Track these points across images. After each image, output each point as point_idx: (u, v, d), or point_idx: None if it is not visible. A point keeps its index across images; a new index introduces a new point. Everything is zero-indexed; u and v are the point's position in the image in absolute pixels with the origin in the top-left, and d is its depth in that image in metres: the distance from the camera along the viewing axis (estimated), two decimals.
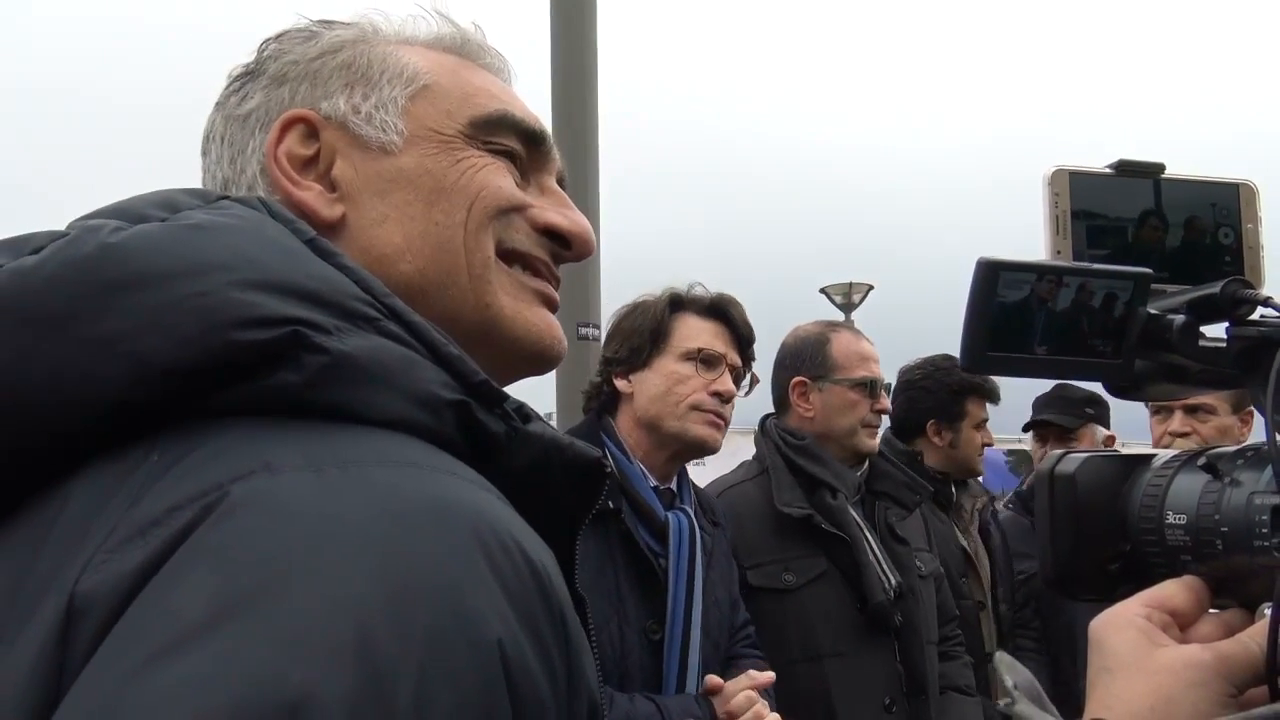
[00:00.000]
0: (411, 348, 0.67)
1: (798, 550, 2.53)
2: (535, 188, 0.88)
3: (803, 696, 2.42)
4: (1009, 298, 0.77)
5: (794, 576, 2.51)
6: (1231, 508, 0.75)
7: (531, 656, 0.56)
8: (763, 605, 2.50)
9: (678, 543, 2.10)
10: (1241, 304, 0.77)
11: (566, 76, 4.89)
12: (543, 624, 0.58)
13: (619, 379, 2.25)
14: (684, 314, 2.26)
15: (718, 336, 2.25)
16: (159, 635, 0.50)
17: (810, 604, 2.50)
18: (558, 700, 0.58)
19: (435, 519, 0.57)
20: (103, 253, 0.63)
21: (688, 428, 2.17)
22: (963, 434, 3.46)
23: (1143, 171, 0.87)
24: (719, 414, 2.21)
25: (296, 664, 0.49)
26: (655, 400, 2.19)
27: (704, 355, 2.22)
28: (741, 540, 2.55)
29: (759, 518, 2.57)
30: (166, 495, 0.57)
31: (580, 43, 4.96)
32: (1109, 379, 0.81)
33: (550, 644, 0.58)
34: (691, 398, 2.18)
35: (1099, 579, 0.85)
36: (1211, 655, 0.72)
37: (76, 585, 0.54)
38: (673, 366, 2.20)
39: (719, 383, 2.21)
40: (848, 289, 12.89)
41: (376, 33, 0.88)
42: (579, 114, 4.86)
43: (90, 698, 0.50)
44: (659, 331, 2.23)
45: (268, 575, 0.52)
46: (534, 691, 0.56)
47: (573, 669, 0.60)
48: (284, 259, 0.66)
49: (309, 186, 0.81)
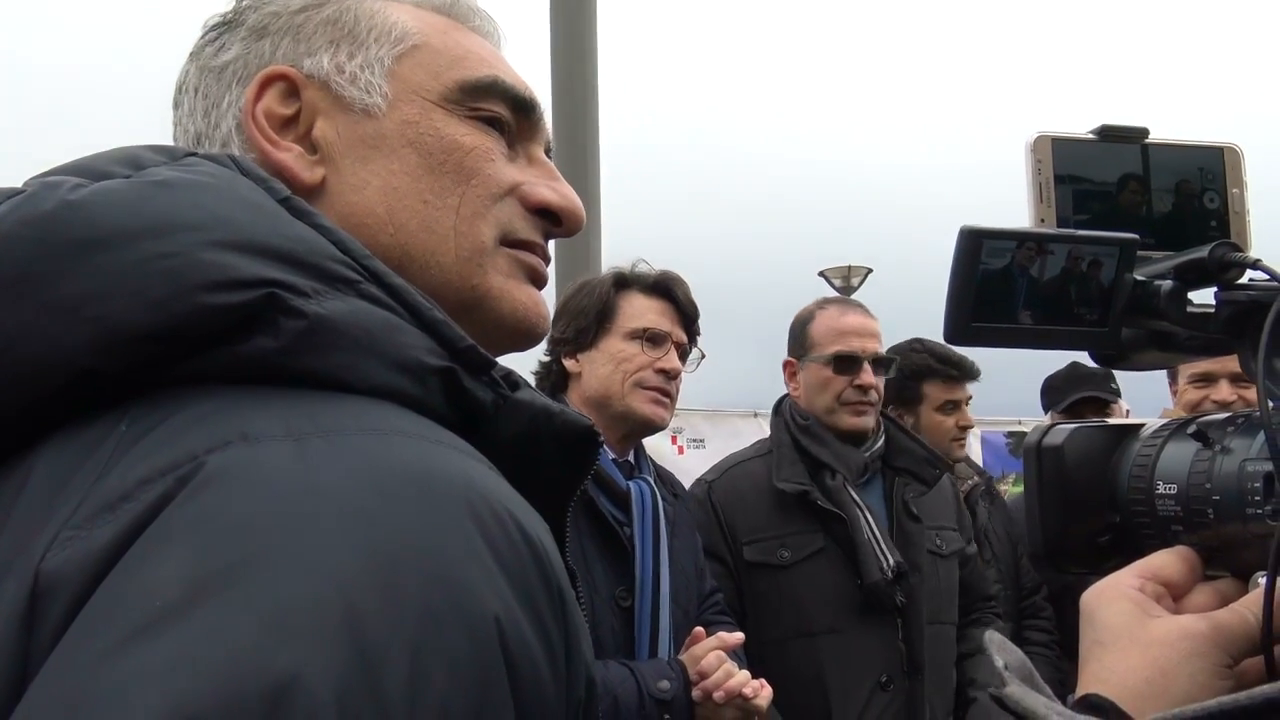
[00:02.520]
0: (394, 311, 0.64)
1: (796, 527, 2.52)
2: (523, 157, 0.84)
3: (794, 673, 2.42)
4: (993, 266, 0.75)
5: (790, 553, 2.50)
6: (1223, 476, 0.73)
7: (530, 634, 0.53)
8: (758, 581, 2.50)
9: (640, 510, 2.14)
10: (1230, 267, 0.76)
11: (566, 61, 4.86)
12: (540, 600, 0.55)
13: (567, 359, 2.27)
14: (628, 293, 2.28)
15: (663, 314, 2.27)
16: (134, 615, 0.47)
17: (805, 581, 2.49)
18: (556, 679, 0.55)
19: (424, 490, 0.54)
20: (63, 210, 0.60)
21: (634, 406, 2.20)
22: (923, 418, 3.40)
23: (1126, 136, 0.85)
24: (664, 391, 2.23)
25: (281, 644, 0.46)
26: (602, 380, 2.22)
27: (649, 334, 2.24)
28: (741, 516, 2.55)
29: (759, 494, 2.57)
30: (137, 467, 0.54)
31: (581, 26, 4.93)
32: (1095, 347, 0.80)
33: (548, 621, 0.55)
34: (636, 375, 2.20)
35: (1088, 551, 0.84)
36: (1207, 625, 0.70)
37: (42, 564, 0.51)
38: (619, 346, 2.22)
39: (664, 360, 2.23)
40: (846, 272, 12.89)
41: None
42: (579, 98, 4.84)
43: (60, 681, 0.47)
44: (604, 311, 2.25)
45: (248, 551, 0.49)
46: (533, 670, 0.53)
47: (571, 646, 0.57)
48: (257, 218, 0.63)
49: (288, 147, 0.77)
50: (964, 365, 3.46)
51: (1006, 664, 0.68)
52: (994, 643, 0.72)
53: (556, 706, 0.55)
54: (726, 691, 2.01)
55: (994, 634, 0.73)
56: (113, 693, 0.45)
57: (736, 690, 2.02)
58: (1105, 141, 0.85)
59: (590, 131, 4.81)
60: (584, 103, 4.79)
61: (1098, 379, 3.58)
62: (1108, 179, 0.84)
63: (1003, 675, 0.67)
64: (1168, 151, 0.86)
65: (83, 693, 0.45)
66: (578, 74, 4.84)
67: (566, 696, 0.56)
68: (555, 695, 0.55)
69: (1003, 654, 0.70)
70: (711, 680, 2.02)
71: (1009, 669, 0.68)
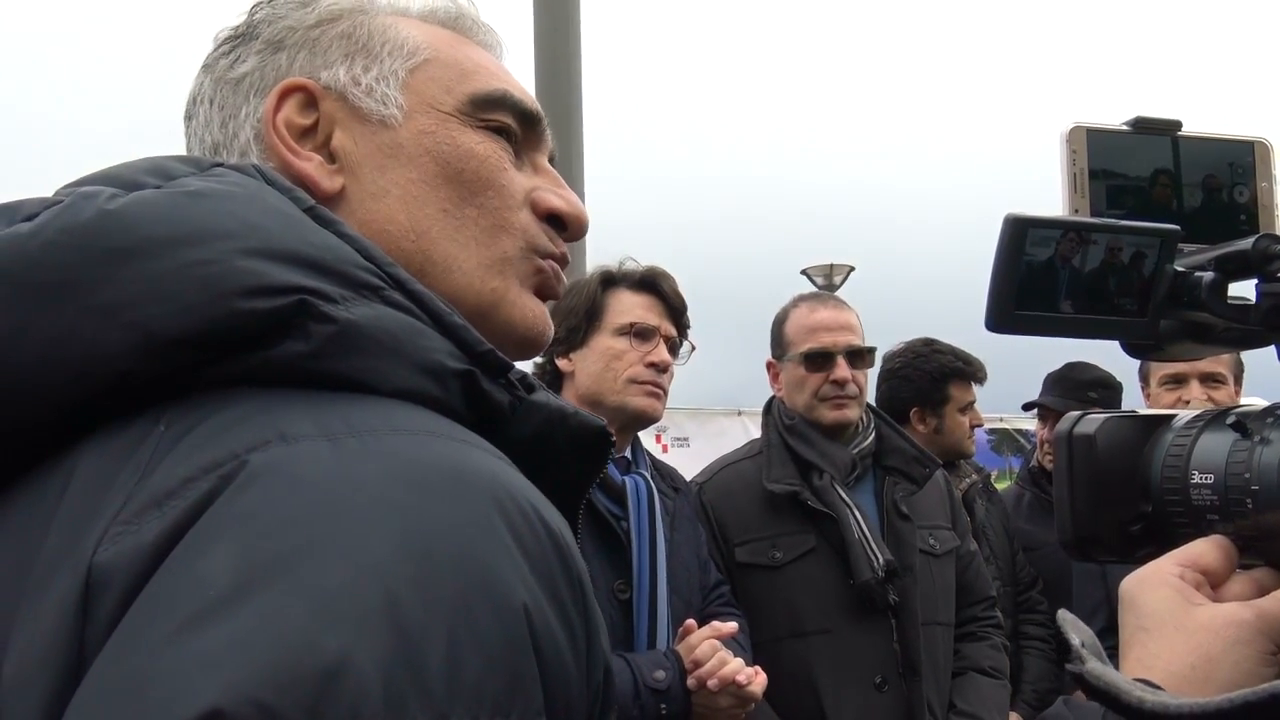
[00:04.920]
0: (416, 317, 0.67)
1: (787, 527, 2.53)
2: (529, 166, 0.87)
3: (787, 673, 2.42)
4: (1037, 256, 0.75)
5: (782, 553, 2.51)
6: (1263, 466, 0.74)
7: (554, 622, 0.56)
8: (751, 582, 2.50)
9: (636, 504, 2.17)
10: (1274, 259, 0.76)
11: (551, 64, 4.86)
12: (563, 590, 0.58)
13: (560, 359, 2.31)
14: (616, 290, 2.31)
15: (650, 309, 2.30)
16: (190, 603, 0.50)
17: (797, 581, 2.50)
18: (578, 664, 0.58)
19: (454, 485, 0.57)
20: (103, 219, 0.62)
21: (627, 401, 2.22)
22: (947, 419, 3.45)
23: (1160, 128, 0.86)
24: (656, 384, 2.26)
25: (330, 629, 0.49)
26: (595, 377, 2.24)
27: (637, 329, 2.26)
28: (733, 517, 2.55)
29: (751, 495, 2.57)
30: (180, 466, 0.56)
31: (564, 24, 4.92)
32: (1134, 337, 0.80)
33: (571, 610, 0.58)
34: (628, 371, 2.23)
35: (1119, 540, 0.84)
36: (1252, 613, 0.71)
37: (94, 558, 0.54)
38: (608, 343, 2.25)
39: (654, 354, 2.26)
40: (829, 270, 12.93)
41: (373, 3, 0.87)
42: (563, 98, 4.83)
43: (121, 665, 0.49)
44: (593, 310, 2.28)
45: (294, 543, 0.52)
46: (558, 656, 0.56)
47: (591, 634, 0.60)
48: (286, 227, 0.65)
49: (309, 157, 0.80)
50: (981, 364, 3.51)
51: (1083, 642, 0.69)
52: (1067, 621, 0.73)
53: (579, 690, 0.58)
54: (720, 679, 2.03)
55: (1065, 613, 0.74)
56: (174, 674, 0.47)
57: (730, 677, 2.04)
58: (1138, 133, 0.85)
59: (575, 133, 4.81)
60: (568, 105, 4.78)
61: (1065, 385, 3.62)
62: (1141, 171, 0.85)
63: (1080, 653, 0.68)
64: (1199, 144, 0.86)
65: (145, 674, 0.48)
66: (562, 73, 4.84)
67: (586, 681, 0.59)
68: (577, 679, 0.58)
69: (1077, 632, 0.70)
70: (705, 669, 2.04)
71: (1085, 646, 0.68)
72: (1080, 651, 0.68)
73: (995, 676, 2.79)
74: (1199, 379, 2.78)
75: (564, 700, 0.56)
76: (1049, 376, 3.72)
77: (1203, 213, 0.85)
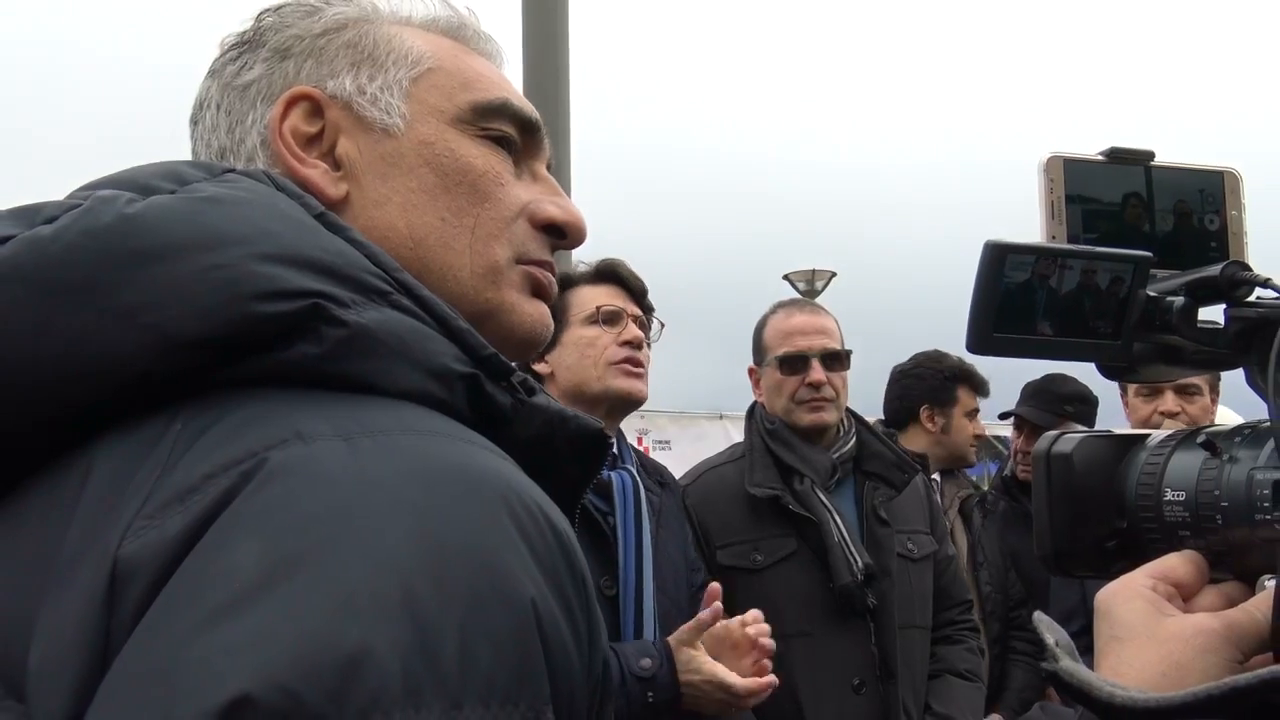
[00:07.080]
0: (423, 321, 0.69)
1: (768, 531, 2.55)
2: (528, 174, 0.89)
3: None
4: (1014, 279, 0.78)
5: (763, 556, 2.53)
6: (1232, 483, 0.76)
7: (560, 616, 0.59)
8: (732, 584, 2.50)
9: (622, 500, 2.17)
10: (1240, 285, 0.79)
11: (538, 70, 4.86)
12: (567, 585, 0.61)
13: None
14: (574, 288, 2.32)
15: (612, 295, 2.31)
16: (216, 595, 0.52)
17: (778, 584, 2.52)
18: (581, 657, 0.61)
19: (465, 484, 0.60)
20: (122, 223, 0.64)
21: (610, 385, 2.22)
22: (954, 420, 3.54)
23: (1133, 158, 0.89)
24: (634, 361, 2.26)
25: (350, 622, 0.52)
26: (573, 369, 2.24)
27: (604, 313, 2.27)
28: (715, 520, 2.58)
29: (732, 499, 2.60)
30: (201, 463, 0.59)
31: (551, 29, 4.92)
32: (1107, 359, 0.83)
33: (575, 605, 0.61)
34: (605, 354, 2.23)
35: (1095, 556, 0.87)
36: (1221, 623, 0.74)
37: (119, 551, 0.56)
38: (579, 333, 2.26)
39: (626, 333, 2.26)
40: (810, 275, 12.98)
41: (377, 12, 0.88)
42: (550, 102, 4.83)
43: (149, 653, 0.52)
44: (556, 312, 2.26)
45: (314, 539, 0.55)
46: (563, 649, 0.59)
47: (592, 628, 0.63)
48: (299, 232, 0.68)
49: (314, 164, 0.82)
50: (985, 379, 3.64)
51: (1057, 641, 0.72)
52: (1042, 622, 0.75)
53: (582, 681, 0.61)
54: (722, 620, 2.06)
55: (1041, 615, 0.77)
56: (202, 662, 0.50)
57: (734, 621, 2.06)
58: (1113, 163, 0.88)
59: (561, 139, 4.81)
60: (555, 112, 4.79)
61: (1042, 398, 3.69)
62: (1114, 198, 0.88)
63: (1054, 651, 0.71)
64: (1172, 174, 0.89)
65: (174, 662, 0.50)
66: (549, 76, 4.84)
67: (588, 673, 0.62)
68: (580, 671, 0.61)
69: (1051, 632, 0.73)
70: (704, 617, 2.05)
71: (1059, 645, 0.71)
72: (1054, 650, 0.71)
73: (970, 679, 2.82)
74: (1174, 390, 2.89)
75: (568, 691, 0.59)
76: (1027, 387, 3.80)
77: (1174, 238, 0.88)
